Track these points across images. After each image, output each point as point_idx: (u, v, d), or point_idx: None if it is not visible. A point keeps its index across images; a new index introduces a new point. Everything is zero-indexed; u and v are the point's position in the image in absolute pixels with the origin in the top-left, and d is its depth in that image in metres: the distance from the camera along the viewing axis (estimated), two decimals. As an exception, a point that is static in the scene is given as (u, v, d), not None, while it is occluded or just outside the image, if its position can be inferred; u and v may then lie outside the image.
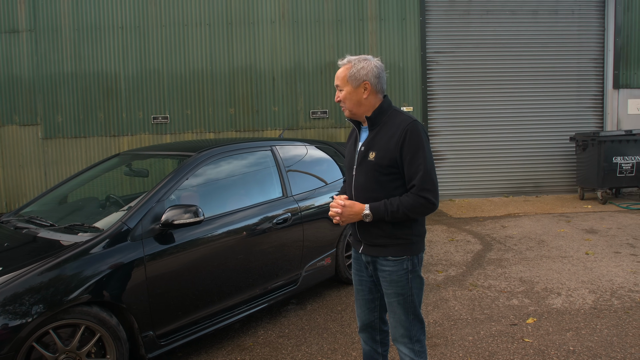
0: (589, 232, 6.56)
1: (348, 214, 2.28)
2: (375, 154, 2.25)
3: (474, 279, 4.88)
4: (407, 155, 2.19)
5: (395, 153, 2.21)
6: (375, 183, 2.26)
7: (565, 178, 9.61)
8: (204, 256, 3.43)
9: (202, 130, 8.88)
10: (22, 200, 8.74)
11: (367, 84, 2.29)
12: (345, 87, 2.31)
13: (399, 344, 2.38)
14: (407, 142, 2.19)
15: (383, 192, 2.24)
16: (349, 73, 2.29)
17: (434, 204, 2.19)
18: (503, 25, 9.34)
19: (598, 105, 9.62)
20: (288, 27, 8.90)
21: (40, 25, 8.62)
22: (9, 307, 2.58)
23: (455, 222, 7.51)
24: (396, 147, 2.20)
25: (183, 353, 3.55)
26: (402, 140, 2.19)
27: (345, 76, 2.30)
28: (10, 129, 8.72)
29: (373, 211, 2.22)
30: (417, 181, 2.17)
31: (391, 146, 2.22)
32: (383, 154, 2.23)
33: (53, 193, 4.22)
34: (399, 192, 2.24)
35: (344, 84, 2.31)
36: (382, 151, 2.23)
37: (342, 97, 2.32)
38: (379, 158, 2.23)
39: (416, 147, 2.18)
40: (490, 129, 9.50)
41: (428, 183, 2.17)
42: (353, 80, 2.29)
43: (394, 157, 2.21)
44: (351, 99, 2.30)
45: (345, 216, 2.29)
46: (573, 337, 3.60)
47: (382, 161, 2.23)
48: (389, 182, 2.24)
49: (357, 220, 2.29)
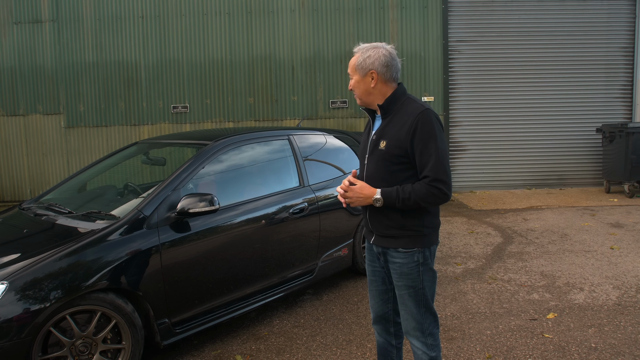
0: (614, 226, 6.38)
1: (357, 196, 2.21)
2: (386, 143, 2.20)
3: (493, 272, 4.80)
4: (419, 145, 2.13)
5: (406, 142, 2.15)
6: (386, 172, 2.20)
7: (591, 170, 9.38)
8: (219, 245, 3.42)
9: (222, 120, 8.90)
10: (45, 187, 8.91)
11: (373, 73, 2.24)
12: (354, 76, 2.28)
13: (411, 337, 2.34)
14: (419, 131, 2.12)
15: (394, 182, 2.19)
16: (357, 62, 2.26)
17: (446, 195, 2.12)
18: (528, 13, 9.10)
19: (627, 95, 9.33)
20: (308, 16, 8.83)
21: (62, 16, 8.72)
22: (29, 292, 2.62)
23: (476, 214, 7.39)
24: (407, 136, 2.14)
25: (198, 341, 3.57)
26: (414, 129, 2.13)
27: (354, 65, 2.27)
28: (34, 118, 8.87)
29: (384, 196, 2.16)
30: (430, 171, 2.11)
31: (402, 135, 2.16)
32: (394, 143, 2.17)
33: (72, 181, 4.27)
34: (410, 182, 2.18)
35: (353, 72, 2.29)
36: (393, 140, 2.18)
37: (352, 85, 2.31)
38: (390, 147, 2.18)
39: (428, 137, 2.12)
40: (513, 119, 9.31)
41: (441, 173, 2.10)
42: (360, 69, 2.25)
43: (404, 147, 2.16)
44: (359, 87, 2.28)
45: (354, 198, 2.22)
46: (595, 333, 3.50)
47: (393, 150, 2.17)
48: (400, 171, 2.18)
49: (367, 204, 2.22)
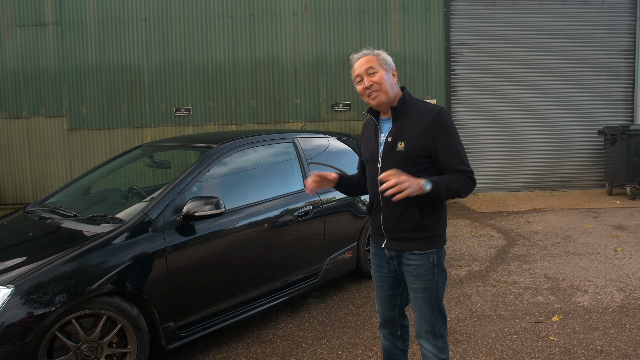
0: (617, 228, 6.38)
1: (410, 182, 2.01)
2: (405, 143, 2.19)
3: (497, 275, 4.79)
4: (444, 144, 2.17)
5: (427, 142, 2.17)
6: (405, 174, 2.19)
7: (593, 173, 9.38)
8: (225, 248, 3.42)
9: (224, 122, 8.91)
10: (48, 190, 8.92)
11: (394, 71, 2.31)
12: (380, 69, 2.24)
13: (421, 340, 2.34)
14: (441, 131, 2.17)
15: None
16: (380, 58, 2.26)
17: (475, 183, 2.22)
18: (530, 16, 9.12)
19: (628, 98, 9.34)
20: (310, 19, 8.84)
21: (66, 18, 8.74)
22: (34, 295, 2.61)
23: (479, 216, 7.39)
24: (428, 135, 2.17)
25: (203, 345, 3.57)
26: (435, 128, 2.17)
27: (378, 59, 2.25)
28: (36, 121, 8.89)
29: (432, 181, 2.08)
30: (462, 165, 2.18)
31: (421, 135, 2.18)
32: (414, 144, 2.18)
33: (77, 184, 4.27)
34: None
35: (379, 66, 2.24)
36: (413, 140, 2.19)
37: (378, 79, 2.22)
38: (410, 148, 2.18)
39: (450, 135, 2.18)
40: (516, 122, 9.32)
41: (468, 165, 2.21)
42: (386, 65, 2.26)
43: (425, 146, 2.17)
44: (387, 81, 2.24)
45: (410, 182, 2.01)
46: (600, 336, 3.50)
47: (413, 150, 2.18)
48: (418, 172, 2.17)
49: (418, 190, 2.05)
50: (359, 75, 2.27)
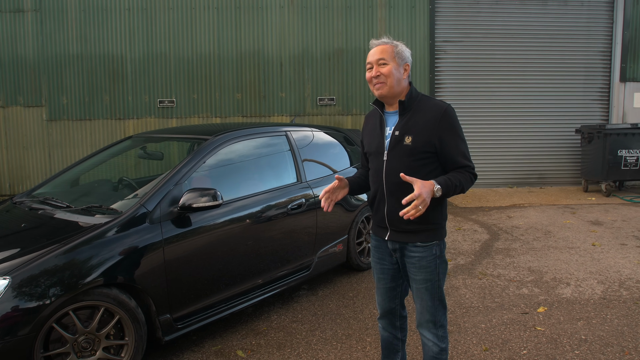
0: (594, 223, 6.58)
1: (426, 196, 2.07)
2: (413, 137, 2.24)
3: (483, 268, 4.91)
4: (451, 140, 2.24)
5: (433, 137, 2.22)
6: (410, 168, 2.24)
7: (570, 170, 9.63)
8: (220, 240, 3.43)
9: (209, 115, 8.84)
10: (25, 181, 8.72)
11: (407, 66, 2.32)
12: (391, 62, 2.26)
13: (423, 329, 2.40)
14: (449, 127, 2.24)
15: (416, 176, 2.20)
16: (396, 50, 2.28)
17: (476, 177, 2.34)
18: (512, 15, 9.28)
19: (604, 98, 9.60)
20: (297, 13, 8.83)
21: (45, 5, 8.53)
22: (32, 287, 2.58)
23: (461, 211, 7.53)
24: (435, 130, 2.22)
25: (197, 337, 3.57)
26: (442, 124, 2.23)
27: (393, 51, 2.27)
28: (14, 110, 8.67)
29: (442, 185, 2.14)
30: (467, 161, 2.28)
31: (429, 129, 2.23)
32: (422, 139, 2.23)
33: (64, 175, 4.20)
34: (433, 177, 2.23)
35: (391, 58, 2.27)
36: (420, 135, 2.23)
37: (387, 71, 2.26)
38: (418, 142, 2.23)
39: (456, 132, 2.26)
40: (496, 119, 9.49)
41: (471, 161, 2.31)
42: (399, 58, 2.28)
43: (432, 141, 2.23)
44: (394, 75, 2.26)
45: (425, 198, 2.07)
46: (584, 326, 3.63)
47: (420, 145, 2.23)
48: (422, 166, 2.23)
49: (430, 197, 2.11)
50: (370, 62, 2.31)
